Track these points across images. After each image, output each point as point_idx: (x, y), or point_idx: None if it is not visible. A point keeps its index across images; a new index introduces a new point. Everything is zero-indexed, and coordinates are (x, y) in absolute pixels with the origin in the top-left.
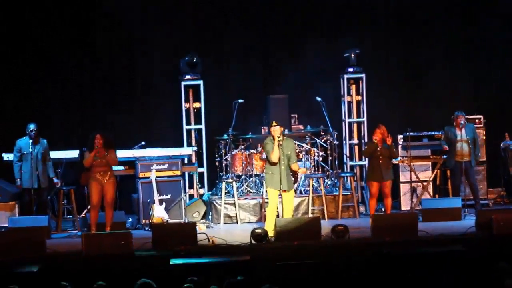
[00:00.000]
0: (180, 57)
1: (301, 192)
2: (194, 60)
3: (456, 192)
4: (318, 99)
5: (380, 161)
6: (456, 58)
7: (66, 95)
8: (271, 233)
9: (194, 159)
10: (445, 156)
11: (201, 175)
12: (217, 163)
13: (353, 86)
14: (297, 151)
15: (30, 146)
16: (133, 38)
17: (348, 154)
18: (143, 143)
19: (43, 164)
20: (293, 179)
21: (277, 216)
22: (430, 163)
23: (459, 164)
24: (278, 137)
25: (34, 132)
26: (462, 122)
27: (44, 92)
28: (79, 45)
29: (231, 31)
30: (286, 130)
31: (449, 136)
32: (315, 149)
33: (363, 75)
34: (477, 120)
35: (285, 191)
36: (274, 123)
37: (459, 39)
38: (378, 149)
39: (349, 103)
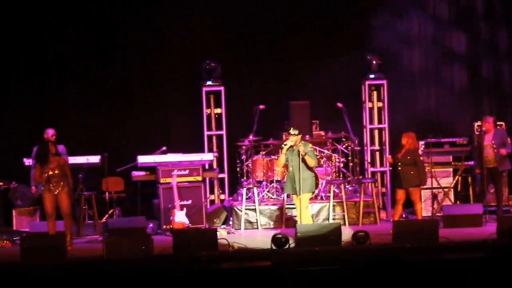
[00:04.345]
0: (202, 63)
1: (322, 198)
2: (215, 66)
3: (479, 197)
4: (340, 105)
5: (399, 168)
6: (479, 64)
7: (87, 101)
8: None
9: (215, 165)
10: (472, 162)
11: (222, 180)
12: (238, 169)
13: (374, 93)
14: (318, 157)
15: None
16: (155, 43)
17: (369, 160)
18: (164, 148)
19: None
20: (311, 183)
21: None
22: (451, 169)
23: (485, 170)
24: (286, 144)
25: (53, 137)
26: (484, 128)
27: (65, 98)
28: (100, 51)
29: (252, 37)
30: (307, 136)
31: (478, 140)
32: (336, 155)
33: (384, 82)
34: (498, 127)
35: (294, 194)
36: (291, 131)
37: (481, 44)
38: (397, 156)
39: (371, 109)
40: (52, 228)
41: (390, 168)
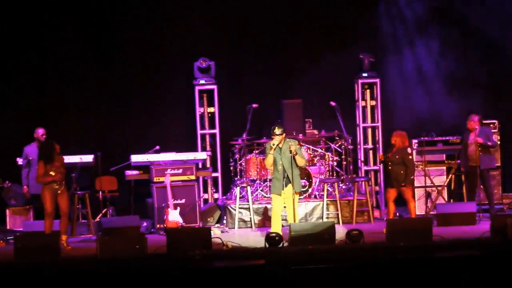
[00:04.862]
0: (195, 62)
1: (315, 197)
2: (208, 65)
3: (470, 196)
4: (333, 104)
5: (390, 168)
6: (471, 62)
7: (81, 100)
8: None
9: (208, 164)
10: (459, 161)
11: (215, 179)
12: (231, 168)
13: (368, 91)
14: (311, 155)
15: (36, 151)
16: (148, 42)
17: (362, 159)
18: (157, 147)
19: None
20: (302, 183)
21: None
22: (444, 167)
23: (471, 168)
24: (274, 144)
25: (43, 136)
26: (469, 126)
27: (59, 97)
28: (94, 50)
29: (245, 36)
30: (300, 135)
31: (464, 139)
32: (329, 153)
33: (378, 80)
34: (491, 125)
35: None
36: (276, 131)
37: (475, 43)
38: (388, 155)
39: (364, 108)
40: (49, 227)
41: (380, 165)
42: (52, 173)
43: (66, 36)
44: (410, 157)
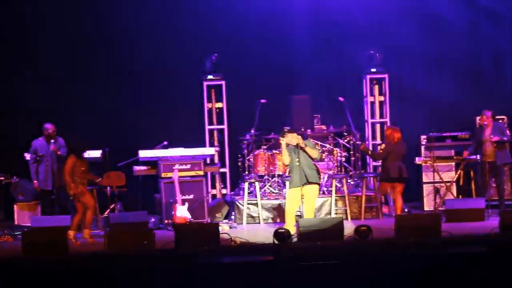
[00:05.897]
0: (203, 57)
1: (324, 193)
2: (216, 60)
3: (483, 191)
4: (341, 99)
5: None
6: (480, 57)
7: (89, 95)
8: (292, 231)
9: (216, 159)
10: (468, 157)
11: (223, 175)
12: (239, 163)
13: (376, 87)
14: (319, 151)
15: (46, 147)
16: (156, 38)
17: None
18: (165, 143)
19: (59, 162)
20: (318, 175)
21: (300, 216)
22: (453, 163)
23: (484, 164)
24: (283, 141)
25: (52, 132)
26: (485, 122)
27: (67, 92)
28: (103, 45)
29: (253, 30)
30: (308, 130)
31: (477, 134)
32: (338, 149)
33: (386, 76)
34: (500, 121)
35: (306, 184)
36: (284, 130)
37: (482, 37)
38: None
39: (372, 103)
40: (90, 221)
41: None
42: (83, 168)
43: (73, 30)
44: (380, 151)
